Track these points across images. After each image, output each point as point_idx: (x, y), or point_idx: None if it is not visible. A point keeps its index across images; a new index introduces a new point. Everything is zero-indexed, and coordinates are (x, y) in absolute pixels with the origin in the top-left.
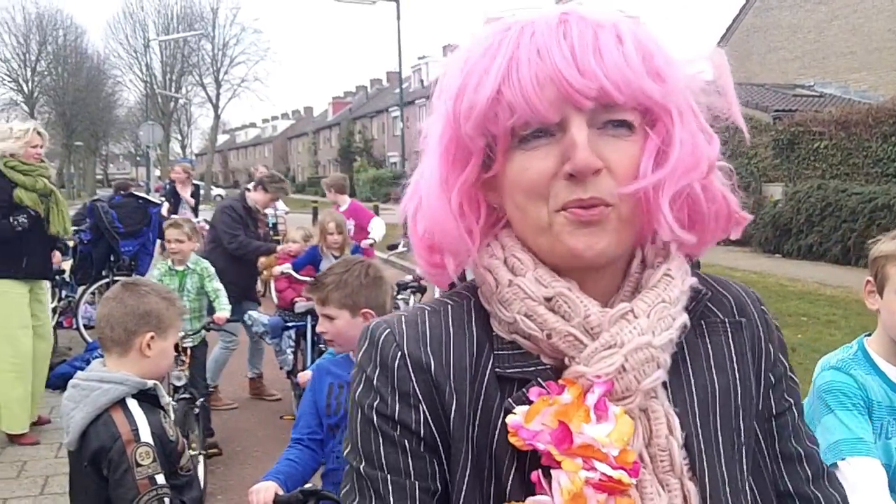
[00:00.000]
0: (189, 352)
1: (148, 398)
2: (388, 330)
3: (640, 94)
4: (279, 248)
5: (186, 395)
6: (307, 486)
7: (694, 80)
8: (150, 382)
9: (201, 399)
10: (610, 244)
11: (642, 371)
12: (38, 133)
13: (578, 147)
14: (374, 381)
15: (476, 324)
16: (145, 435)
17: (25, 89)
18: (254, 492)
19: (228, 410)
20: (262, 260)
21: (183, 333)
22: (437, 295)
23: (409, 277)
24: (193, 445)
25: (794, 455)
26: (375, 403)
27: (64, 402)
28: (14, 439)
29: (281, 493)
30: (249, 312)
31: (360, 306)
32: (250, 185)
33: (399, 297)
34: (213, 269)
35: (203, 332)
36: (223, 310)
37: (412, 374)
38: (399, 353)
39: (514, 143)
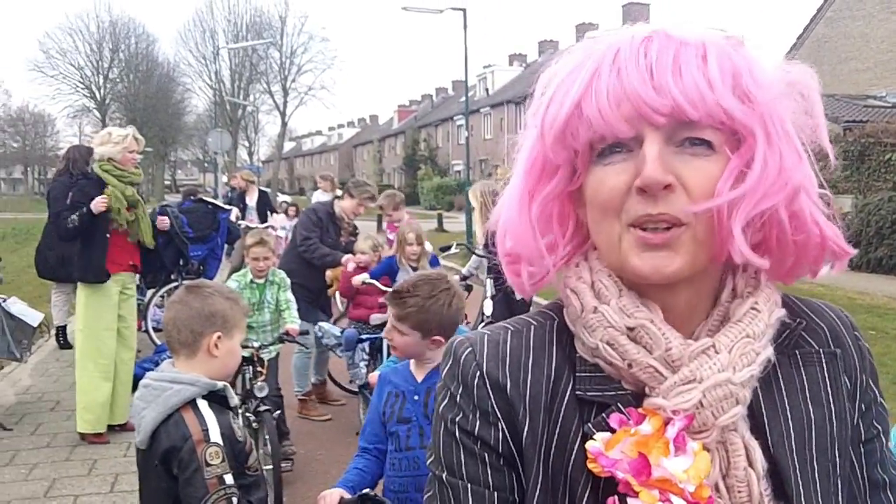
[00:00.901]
0: (266, 363)
1: (217, 399)
2: (470, 349)
3: (719, 112)
4: (344, 258)
5: (268, 406)
6: (365, 490)
7: (789, 97)
8: (220, 384)
9: (278, 410)
10: (682, 267)
11: (720, 407)
12: (136, 139)
13: (648, 160)
14: (458, 398)
15: (557, 345)
16: (215, 435)
17: (98, 96)
18: (321, 498)
19: (321, 421)
20: (328, 273)
21: (259, 344)
22: (487, 294)
23: (456, 277)
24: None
25: (879, 482)
26: (458, 418)
27: (135, 401)
28: (87, 438)
29: (347, 497)
30: (320, 324)
31: (433, 332)
32: (340, 192)
33: None
34: (288, 281)
35: (279, 343)
36: (293, 321)
37: (490, 393)
38: (478, 372)
39: (594, 158)
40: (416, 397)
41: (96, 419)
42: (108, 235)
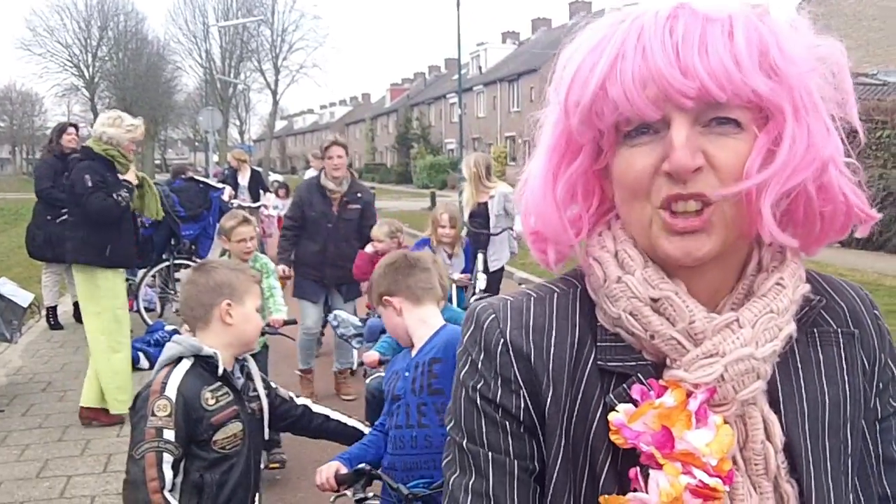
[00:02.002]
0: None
1: (209, 367)
2: (494, 315)
3: (746, 91)
4: (369, 249)
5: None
6: (361, 465)
7: (817, 71)
8: (209, 349)
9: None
10: (713, 249)
11: (741, 382)
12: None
13: (676, 146)
14: (479, 365)
15: (580, 314)
16: (171, 390)
17: (86, 74)
18: (319, 472)
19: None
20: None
21: None
22: (479, 268)
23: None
24: None
25: (894, 459)
26: (479, 385)
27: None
28: (86, 415)
29: (343, 471)
30: (336, 312)
31: (379, 295)
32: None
33: None
34: (272, 266)
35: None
36: (279, 310)
37: (514, 361)
38: (502, 340)
39: (620, 139)
40: (406, 374)
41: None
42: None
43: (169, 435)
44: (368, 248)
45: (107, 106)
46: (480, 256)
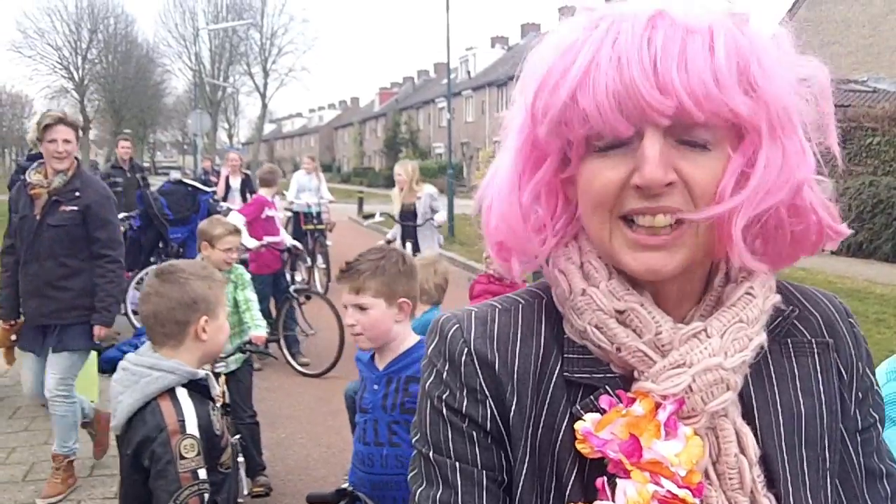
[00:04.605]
0: (223, 378)
1: (199, 389)
2: (457, 325)
3: (724, 110)
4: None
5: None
6: (343, 485)
7: (796, 89)
8: (202, 372)
9: (237, 437)
10: (677, 267)
11: (710, 393)
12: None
13: (648, 160)
14: (444, 375)
15: (546, 325)
16: (192, 427)
17: (76, 77)
18: None
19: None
20: None
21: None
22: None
23: (381, 242)
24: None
25: (875, 471)
26: (445, 395)
27: (113, 384)
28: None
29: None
30: None
31: (397, 295)
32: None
33: None
34: (248, 276)
35: (240, 354)
36: (258, 326)
37: (478, 370)
38: (466, 350)
39: (589, 150)
40: (375, 386)
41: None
42: None
43: (203, 474)
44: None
45: (96, 108)
46: (409, 246)
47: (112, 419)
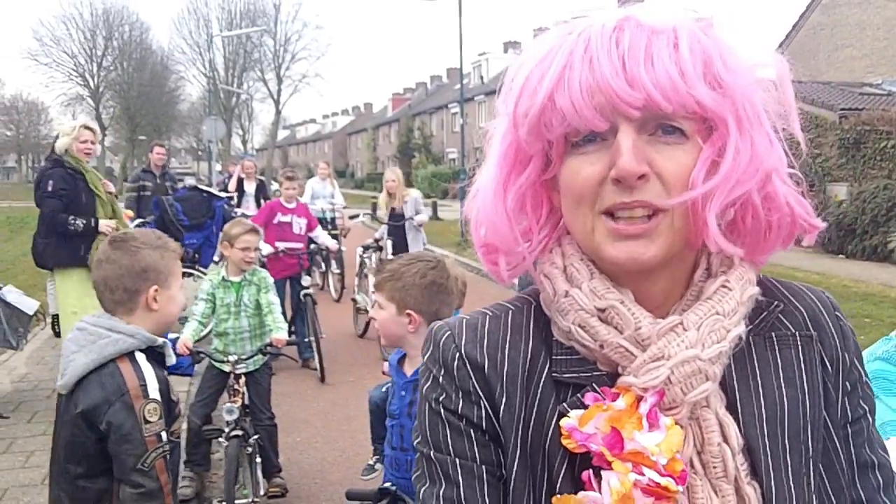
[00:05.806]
0: (244, 379)
1: (155, 356)
2: (449, 332)
3: (691, 102)
4: None
5: (238, 433)
6: (386, 484)
7: (760, 84)
8: (160, 339)
9: (255, 437)
10: (658, 254)
11: (689, 384)
12: (88, 129)
13: (622, 152)
14: (440, 379)
15: (535, 329)
16: (153, 391)
17: (91, 84)
18: None
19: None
20: None
21: (236, 357)
22: (389, 254)
23: (370, 240)
24: (245, 492)
25: (867, 462)
26: (441, 398)
27: (66, 343)
28: None
29: None
30: None
31: (406, 306)
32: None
33: (363, 255)
34: (270, 280)
35: (261, 356)
36: (279, 329)
37: (471, 373)
38: (457, 354)
39: (569, 149)
40: (402, 392)
41: None
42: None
43: (164, 436)
44: None
45: (111, 115)
46: (389, 243)
47: (60, 378)
